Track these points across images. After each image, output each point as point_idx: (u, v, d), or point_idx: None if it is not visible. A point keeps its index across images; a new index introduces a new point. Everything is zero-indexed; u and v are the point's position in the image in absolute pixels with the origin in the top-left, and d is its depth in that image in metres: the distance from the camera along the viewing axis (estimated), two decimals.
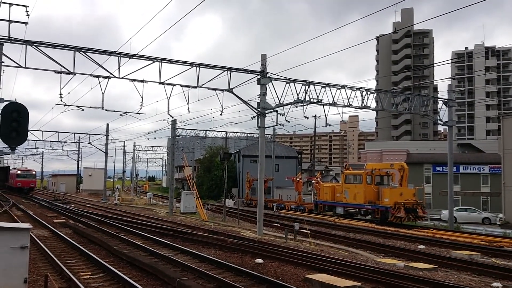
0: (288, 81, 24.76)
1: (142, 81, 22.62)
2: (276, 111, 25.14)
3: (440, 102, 32.17)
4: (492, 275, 14.06)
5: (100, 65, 20.97)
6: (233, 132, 58.92)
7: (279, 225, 28.54)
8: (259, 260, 15.03)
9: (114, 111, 31.55)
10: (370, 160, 64.69)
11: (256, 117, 24.59)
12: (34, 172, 71.09)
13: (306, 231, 22.47)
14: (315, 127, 53.12)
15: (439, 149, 65.40)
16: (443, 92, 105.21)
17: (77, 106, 28.54)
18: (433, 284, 11.77)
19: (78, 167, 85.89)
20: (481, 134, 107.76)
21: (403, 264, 15.29)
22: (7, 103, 8.32)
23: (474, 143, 79.54)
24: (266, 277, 12.20)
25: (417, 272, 13.82)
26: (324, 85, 26.00)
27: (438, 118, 32.14)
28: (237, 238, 20.54)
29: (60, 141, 54.64)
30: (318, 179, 41.87)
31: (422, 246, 20.58)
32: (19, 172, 68.76)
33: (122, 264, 14.58)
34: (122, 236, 20.42)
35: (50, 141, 55.57)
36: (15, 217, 28.60)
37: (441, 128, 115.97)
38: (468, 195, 53.47)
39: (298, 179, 46.42)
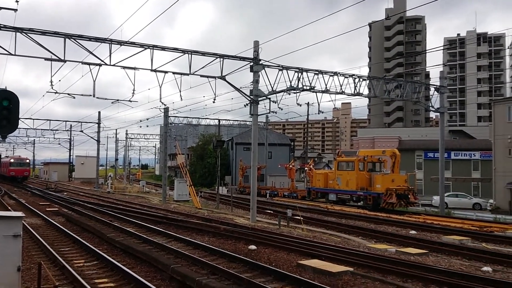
0: (281, 68, 24.69)
1: (134, 68, 22.47)
2: (269, 98, 25.12)
3: (432, 89, 32.30)
4: (483, 259, 14.28)
5: (91, 52, 20.78)
6: (226, 119, 58.72)
7: (272, 212, 28.70)
8: (253, 247, 15.14)
9: (106, 98, 31.35)
10: (362, 147, 64.93)
11: (249, 104, 24.56)
12: (28, 161, 69.43)
13: (299, 218, 22.63)
14: (307, 114, 53.14)
15: (430, 136, 65.71)
16: (435, 79, 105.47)
17: (68, 94, 28.38)
18: (424, 268, 11.94)
19: (70, 155, 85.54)
20: (473, 120, 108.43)
21: (395, 249, 15.47)
22: None
23: (466, 130, 79.98)
24: (259, 263, 12.30)
25: (409, 257, 14.00)
26: (317, 72, 25.97)
27: (430, 105, 32.29)
28: (230, 225, 20.65)
29: (51, 129, 54.43)
30: (311, 166, 42.03)
31: (413, 232, 20.81)
32: (12, 160, 66.51)
33: (115, 252, 14.62)
34: (116, 224, 20.44)
35: (42, 129, 55.31)
36: (7, 206, 28.49)
37: (433, 115, 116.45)
38: (459, 181, 53.97)
39: (291, 166, 46.57)
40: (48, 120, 51.60)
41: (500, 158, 41.11)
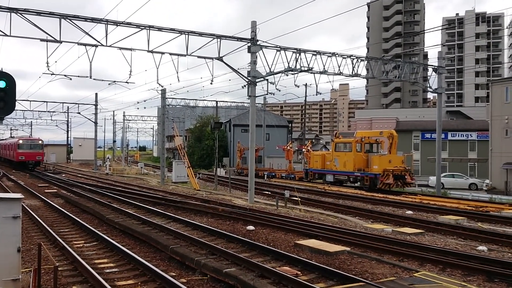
0: (279, 49, 24.54)
1: (130, 49, 22.31)
2: (267, 79, 25.01)
3: (430, 69, 32.19)
4: (478, 239, 14.46)
5: (87, 33, 20.59)
6: (223, 101, 58.70)
7: (270, 193, 28.87)
8: (251, 227, 15.28)
9: (103, 80, 31.24)
10: (360, 128, 64.97)
11: (246, 86, 24.47)
12: (40, 142, 53.66)
13: (297, 199, 22.79)
14: (305, 96, 53.03)
15: (428, 117, 65.76)
16: (433, 59, 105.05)
17: (65, 75, 28.22)
18: (420, 248, 12.10)
19: (67, 137, 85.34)
20: (470, 101, 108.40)
21: (391, 229, 15.63)
22: None
23: (463, 110, 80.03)
24: (257, 243, 12.43)
25: (405, 237, 14.16)
26: (315, 53, 25.83)
27: (428, 85, 32.23)
28: (228, 206, 20.80)
29: (48, 111, 54.16)
30: (309, 148, 42.12)
31: (409, 212, 21.00)
32: (21, 141, 51.93)
33: (115, 233, 14.74)
34: (115, 206, 20.55)
35: (39, 111, 55.11)
36: (6, 188, 28.57)
37: (430, 96, 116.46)
38: (455, 161, 54.24)
39: (288, 147, 46.67)
40: (45, 101, 51.42)
41: (497, 138, 41.26)
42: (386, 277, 9.50)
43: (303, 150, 44.32)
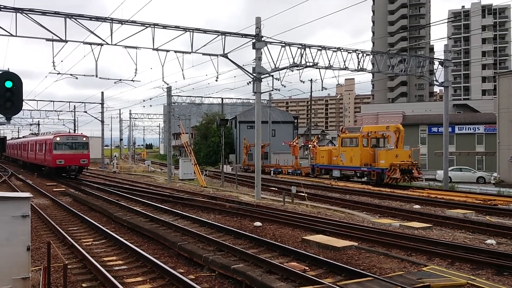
0: (284, 44, 24.48)
1: (136, 47, 22.34)
2: (272, 75, 24.96)
3: (436, 63, 31.96)
4: (487, 232, 14.39)
5: (92, 32, 20.65)
6: (229, 98, 58.78)
7: (276, 189, 28.87)
8: (258, 223, 15.31)
9: (109, 78, 31.25)
10: (366, 123, 64.76)
11: (251, 82, 24.45)
12: (85, 139, 37.85)
13: (303, 194, 22.78)
14: (311, 91, 52.90)
15: (434, 110, 65.44)
16: (439, 53, 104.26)
17: (71, 75, 28.31)
18: (428, 242, 12.06)
19: None
20: (477, 94, 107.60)
21: (399, 223, 15.60)
22: (0, 73, 8.23)
23: (470, 103, 79.50)
24: (265, 239, 12.46)
25: (412, 231, 14.13)
26: (320, 48, 25.74)
27: (434, 79, 32.02)
28: (235, 203, 20.83)
29: (55, 110, 54.40)
30: (315, 143, 42.05)
31: (417, 206, 20.94)
32: (58, 139, 36.12)
33: (123, 231, 14.82)
34: (122, 203, 20.66)
35: (46, 110, 55.32)
36: (15, 187, 28.79)
37: (437, 89, 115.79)
38: (463, 155, 53.93)
39: (294, 143, 46.63)
40: (51, 101, 51.63)
41: (505, 131, 40.92)
42: (394, 271, 9.49)
43: (309, 145, 44.25)
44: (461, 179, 40.95)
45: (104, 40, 21.15)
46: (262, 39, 23.49)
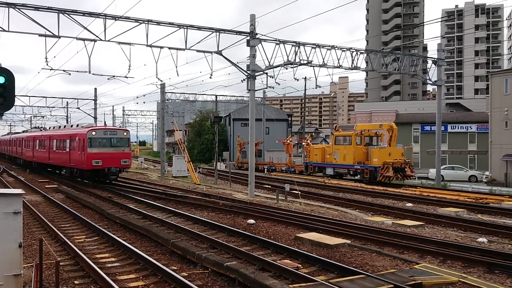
0: (278, 42, 24.48)
1: (129, 43, 22.24)
2: (266, 73, 24.96)
3: (430, 62, 32.11)
4: (478, 230, 14.50)
5: (85, 28, 20.54)
6: (223, 95, 58.53)
7: (270, 186, 28.90)
8: (251, 221, 15.32)
9: (102, 75, 31.21)
10: (359, 121, 64.92)
11: (246, 79, 24.43)
12: (125, 134, 29.73)
13: (297, 192, 22.82)
14: (305, 89, 52.97)
15: (427, 109, 65.73)
16: (432, 51, 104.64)
17: (64, 70, 28.12)
18: (420, 240, 12.13)
19: None
20: (470, 93, 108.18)
21: (391, 221, 15.67)
22: None
23: (463, 102, 79.91)
24: (258, 236, 12.47)
25: (405, 229, 14.20)
26: (314, 46, 25.77)
27: (428, 78, 32.17)
28: (229, 200, 20.82)
29: (47, 106, 54.00)
30: (308, 141, 42.12)
31: (409, 204, 21.04)
32: (94, 133, 27.75)
33: (116, 228, 14.77)
34: (115, 200, 20.59)
35: (38, 106, 54.92)
36: (6, 183, 28.58)
37: (430, 88, 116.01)
38: (455, 153, 54.26)
39: (288, 141, 46.66)
40: (44, 97, 51.24)
41: (497, 130, 41.24)
42: (387, 269, 9.54)
43: (303, 143, 44.32)
44: (453, 177, 41.21)
45: (97, 36, 21.04)
46: (257, 36, 23.47)
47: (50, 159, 34.28)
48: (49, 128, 40.08)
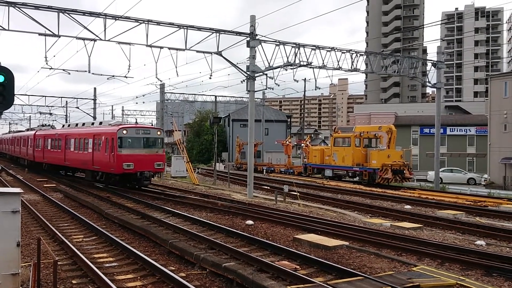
0: (278, 43, 24.49)
1: (129, 43, 22.24)
2: (266, 74, 24.98)
3: (429, 64, 32.16)
4: (476, 233, 14.51)
5: (85, 27, 20.54)
6: (222, 96, 58.74)
7: (269, 187, 28.89)
8: (250, 222, 15.31)
9: (101, 74, 31.19)
10: (359, 123, 64.96)
11: (245, 80, 24.43)
12: (159, 133, 25.81)
13: (295, 193, 22.81)
14: (304, 91, 52.99)
15: (427, 111, 65.83)
16: (432, 54, 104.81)
17: (63, 70, 28.13)
18: (418, 242, 12.13)
19: None
20: (469, 96, 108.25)
21: (390, 223, 15.68)
22: None
23: (462, 105, 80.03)
24: (257, 237, 12.47)
25: (403, 231, 14.21)
26: (314, 48, 25.79)
27: (427, 80, 32.22)
28: (227, 201, 20.82)
29: (47, 106, 54.00)
30: (307, 143, 42.13)
31: (408, 206, 21.05)
32: (125, 131, 24.03)
33: (114, 227, 14.76)
34: (114, 200, 20.57)
35: (37, 105, 54.87)
36: (5, 182, 28.54)
37: (429, 90, 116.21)
38: (454, 156, 54.31)
39: (287, 142, 46.67)
40: (43, 96, 51.22)
41: (496, 133, 41.28)
42: (385, 271, 9.54)
43: (302, 145, 44.34)
44: (452, 180, 41.23)
45: (97, 36, 21.03)
46: (257, 37, 23.48)
47: (66, 161, 30.56)
48: (63, 126, 36.26)
